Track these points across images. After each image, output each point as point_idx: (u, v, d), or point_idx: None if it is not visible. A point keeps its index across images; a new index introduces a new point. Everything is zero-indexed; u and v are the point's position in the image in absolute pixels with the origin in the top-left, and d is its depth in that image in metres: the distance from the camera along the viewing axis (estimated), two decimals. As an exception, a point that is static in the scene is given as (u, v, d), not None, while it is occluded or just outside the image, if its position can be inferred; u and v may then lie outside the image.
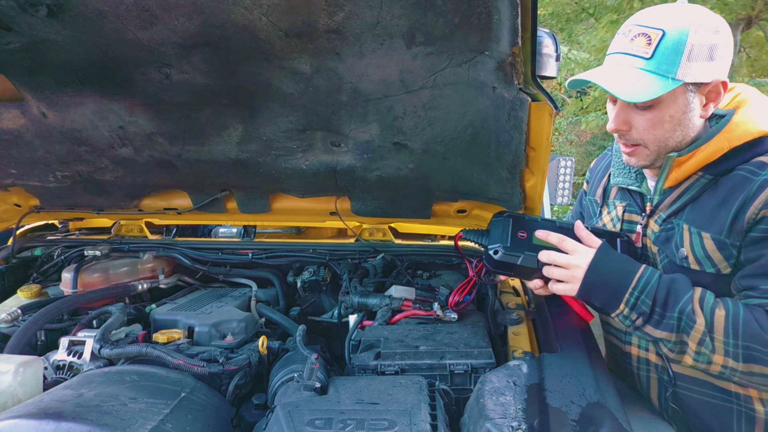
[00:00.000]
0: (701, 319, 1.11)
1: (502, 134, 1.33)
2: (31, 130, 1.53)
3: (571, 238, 1.26)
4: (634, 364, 1.44)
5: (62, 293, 1.78)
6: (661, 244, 1.31)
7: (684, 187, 1.26)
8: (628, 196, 1.44)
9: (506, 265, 1.32)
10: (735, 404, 1.24)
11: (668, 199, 1.29)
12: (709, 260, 1.19)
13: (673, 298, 1.14)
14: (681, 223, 1.25)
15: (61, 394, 1.10)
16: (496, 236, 1.34)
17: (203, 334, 1.54)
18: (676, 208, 1.27)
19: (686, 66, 1.11)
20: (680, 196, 1.27)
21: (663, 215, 1.31)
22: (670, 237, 1.28)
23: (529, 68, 1.12)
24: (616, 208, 1.46)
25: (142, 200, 1.99)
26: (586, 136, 12.40)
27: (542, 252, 1.27)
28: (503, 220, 1.36)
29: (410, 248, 2.01)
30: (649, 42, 1.12)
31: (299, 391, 1.14)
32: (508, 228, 1.34)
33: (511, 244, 1.31)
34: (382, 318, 1.56)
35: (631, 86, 1.13)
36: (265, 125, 1.46)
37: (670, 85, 1.11)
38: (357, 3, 1.01)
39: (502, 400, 1.05)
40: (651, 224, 1.35)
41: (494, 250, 1.31)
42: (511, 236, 1.32)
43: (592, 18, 8.11)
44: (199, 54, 1.20)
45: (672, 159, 1.23)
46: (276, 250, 2.03)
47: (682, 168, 1.23)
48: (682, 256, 1.23)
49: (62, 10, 1.08)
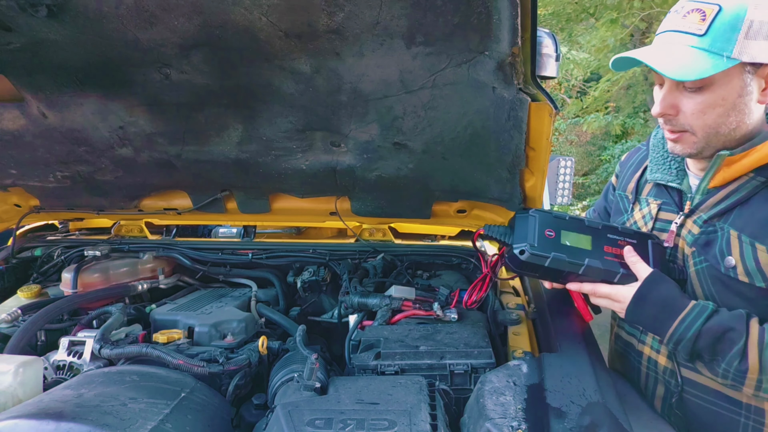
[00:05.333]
0: (755, 366, 1.04)
1: (501, 134, 1.33)
2: (31, 130, 1.53)
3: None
4: (644, 363, 1.39)
5: (62, 293, 1.78)
6: (701, 247, 1.20)
7: (732, 188, 1.15)
8: (665, 193, 1.34)
9: (532, 267, 1.22)
10: (743, 416, 1.18)
11: (712, 200, 1.19)
12: (761, 274, 1.09)
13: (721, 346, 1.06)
14: (726, 227, 1.15)
15: (61, 395, 1.10)
16: (521, 234, 1.24)
17: (203, 334, 1.54)
18: (721, 210, 1.17)
19: (744, 44, 1.00)
20: (727, 197, 1.16)
21: (704, 216, 1.20)
22: (712, 241, 1.17)
23: (528, 68, 1.11)
24: (650, 205, 1.37)
25: (142, 200, 2.00)
26: (586, 136, 12.41)
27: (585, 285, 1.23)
28: (529, 217, 1.26)
29: (410, 248, 2.01)
30: (704, 18, 1.03)
31: (299, 391, 1.14)
32: (534, 226, 1.23)
33: (539, 244, 1.20)
34: (382, 318, 1.56)
35: (680, 64, 1.03)
36: (265, 125, 1.46)
37: (724, 64, 1.01)
38: (357, 3, 1.01)
39: (502, 400, 1.05)
40: (688, 224, 1.24)
41: (520, 250, 1.20)
42: (538, 235, 1.21)
43: (593, 18, 8.10)
44: (199, 54, 1.20)
45: (722, 158, 1.12)
46: (276, 250, 2.03)
47: (732, 167, 1.13)
48: (729, 265, 1.13)
49: (62, 11, 1.08)
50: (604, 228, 1.27)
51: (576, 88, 11.47)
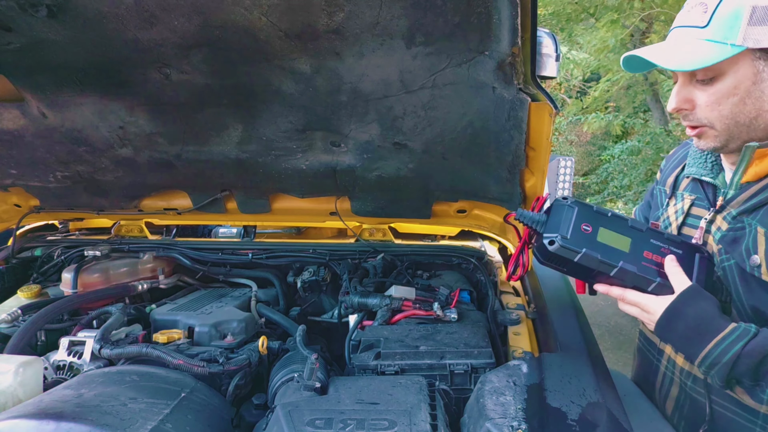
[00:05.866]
0: None
1: (502, 134, 1.33)
2: (31, 130, 1.54)
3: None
4: (663, 363, 1.34)
5: (62, 293, 1.78)
6: (727, 244, 1.15)
7: (764, 184, 1.10)
8: (699, 188, 1.28)
9: (560, 260, 1.12)
10: (760, 426, 1.14)
11: (744, 195, 1.14)
12: None
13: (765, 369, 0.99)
14: (754, 224, 1.10)
15: (61, 395, 1.10)
16: (554, 224, 1.13)
17: (203, 334, 1.54)
18: (751, 206, 1.12)
19: (748, 30, 0.99)
20: (758, 192, 1.11)
21: (734, 212, 1.15)
22: (739, 238, 1.13)
23: (528, 68, 1.12)
24: (684, 200, 1.32)
25: (142, 200, 2.00)
26: (586, 136, 12.41)
27: (614, 289, 1.13)
28: (567, 206, 1.15)
29: (410, 248, 2.01)
30: (705, 10, 1.04)
31: (299, 391, 1.14)
32: (571, 217, 1.13)
33: (572, 236, 1.10)
34: (382, 318, 1.56)
35: (684, 55, 1.03)
36: (265, 125, 1.46)
37: (729, 51, 1.00)
38: (357, 3, 1.01)
39: (502, 400, 1.05)
40: (718, 220, 1.20)
41: (550, 240, 1.10)
42: (573, 227, 1.11)
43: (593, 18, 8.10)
44: (199, 54, 1.20)
45: (752, 149, 1.07)
46: (276, 250, 2.03)
47: (765, 161, 1.08)
48: (754, 264, 1.08)
49: (62, 11, 1.08)
50: (649, 232, 1.16)
51: (576, 88, 11.47)
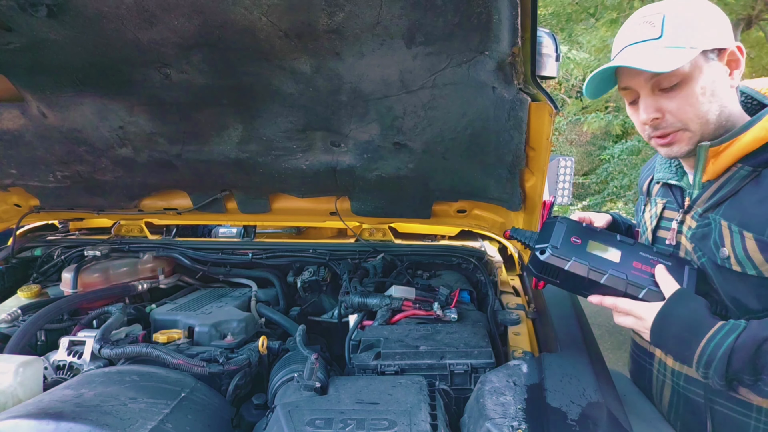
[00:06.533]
0: None
1: (502, 134, 1.33)
2: (31, 130, 1.54)
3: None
4: (655, 366, 1.37)
5: (62, 293, 1.78)
6: (698, 241, 1.22)
7: (723, 180, 1.17)
8: (669, 192, 1.35)
9: (552, 269, 1.18)
10: (754, 419, 1.16)
11: (707, 193, 1.21)
12: (751, 262, 1.09)
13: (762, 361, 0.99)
14: (718, 218, 1.17)
15: (61, 394, 1.10)
16: (545, 237, 1.22)
17: (203, 334, 1.54)
18: (714, 203, 1.19)
19: (699, 34, 1.07)
20: (718, 189, 1.18)
21: (700, 210, 1.22)
22: (708, 234, 1.19)
23: (528, 68, 1.12)
24: (657, 204, 1.38)
25: (142, 200, 2.00)
26: (586, 136, 12.40)
27: (607, 298, 1.16)
28: (558, 222, 1.25)
29: (410, 248, 2.01)
30: (654, 24, 1.10)
31: (299, 391, 1.14)
32: (561, 231, 1.22)
33: (562, 247, 1.18)
34: (382, 318, 1.56)
35: (654, 60, 1.07)
36: (265, 125, 1.46)
37: (690, 54, 1.06)
38: (357, 3, 1.01)
39: (502, 400, 1.05)
40: (688, 220, 1.26)
41: (541, 250, 1.18)
42: (563, 239, 1.20)
43: (593, 18, 8.10)
44: (199, 54, 1.20)
45: (705, 148, 1.15)
46: (276, 250, 2.03)
47: (719, 159, 1.15)
48: (723, 256, 1.14)
49: (62, 11, 1.08)
50: (638, 246, 1.23)
51: (576, 88, 11.47)
